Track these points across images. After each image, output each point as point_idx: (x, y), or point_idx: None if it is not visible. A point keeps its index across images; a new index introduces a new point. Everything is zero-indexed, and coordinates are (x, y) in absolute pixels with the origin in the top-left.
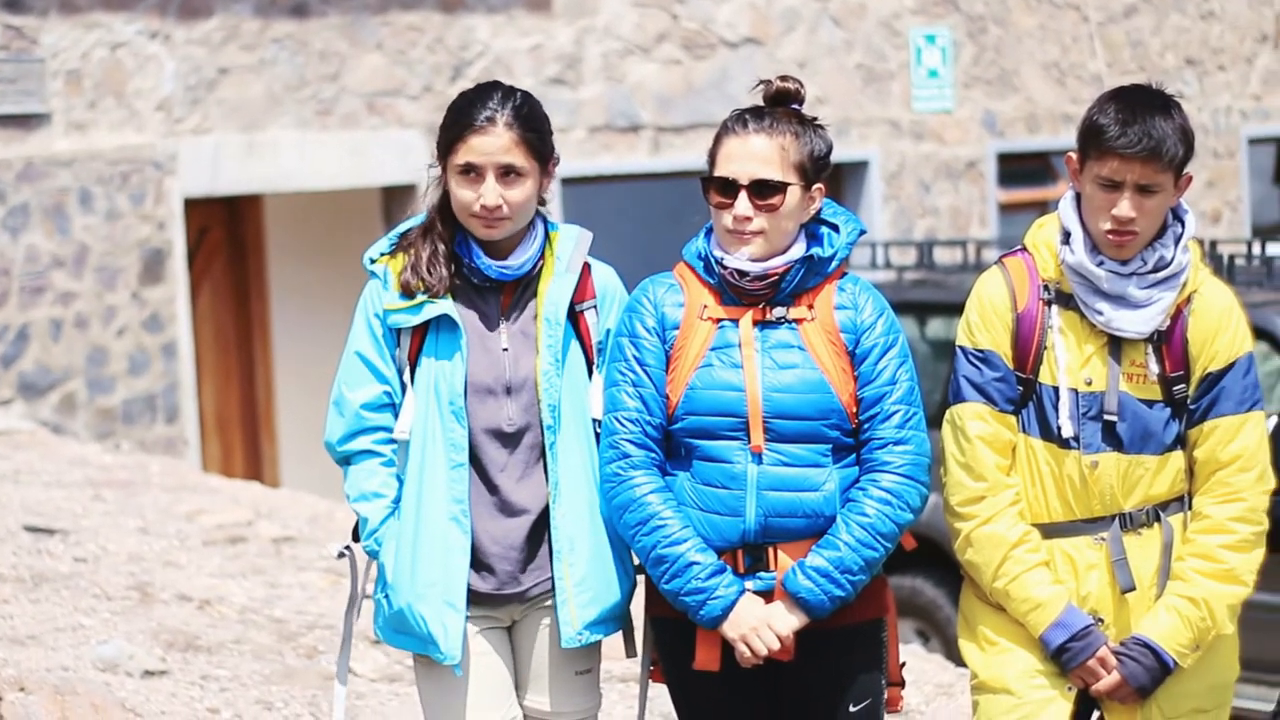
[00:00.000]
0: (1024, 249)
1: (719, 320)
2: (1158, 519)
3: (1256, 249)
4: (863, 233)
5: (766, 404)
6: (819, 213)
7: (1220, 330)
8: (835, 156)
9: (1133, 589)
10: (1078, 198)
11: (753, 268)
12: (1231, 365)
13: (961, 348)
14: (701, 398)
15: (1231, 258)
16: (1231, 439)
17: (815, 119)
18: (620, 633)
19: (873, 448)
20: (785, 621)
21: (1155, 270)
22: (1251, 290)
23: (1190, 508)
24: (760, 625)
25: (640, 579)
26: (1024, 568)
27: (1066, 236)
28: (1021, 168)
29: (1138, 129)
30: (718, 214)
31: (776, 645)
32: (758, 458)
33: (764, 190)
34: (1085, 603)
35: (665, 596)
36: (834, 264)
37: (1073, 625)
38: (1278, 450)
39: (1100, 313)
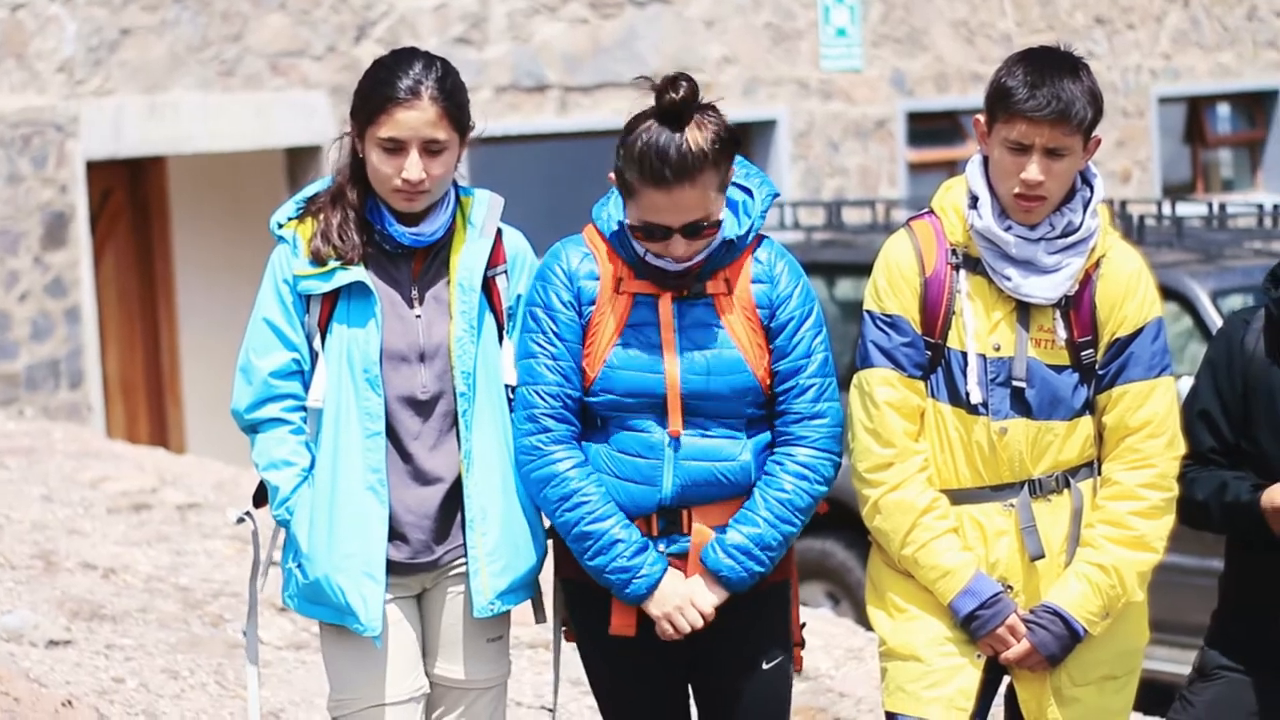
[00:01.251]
0: (931, 212)
1: (635, 294)
2: (1067, 485)
3: (1166, 209)
4: (775, 196)
5: (685, 386)
6: None
7: (1129, 295)
8: (743, 117)
9: (1042, 556)
10: (985, 161)
11: (676, 266)
12: (1140, 330)
13: (869, 312)
14: (619, 378)
15: (1141, 218)
16: (1141, 405)
17: (714, 111)
18: (530, 600)
19: (788, 421)
20: (707, 598)
21: (1064, 235)
22: (1161, 250)
23: (1099, 474)
24: (684, 603)
25: (549, 543)
26: (932, 535)
27: (974, 201)
28: (931, 127)
29: (1046, 91)
30: (648, 245)
31: (700, 623)
32: (675, 440)
33: (697, 230)
34: (994, 570)
35: (588, 572)
36: (750, 237)
37: (982, 593)
38: (1189, 412)
39: (1008, 278)
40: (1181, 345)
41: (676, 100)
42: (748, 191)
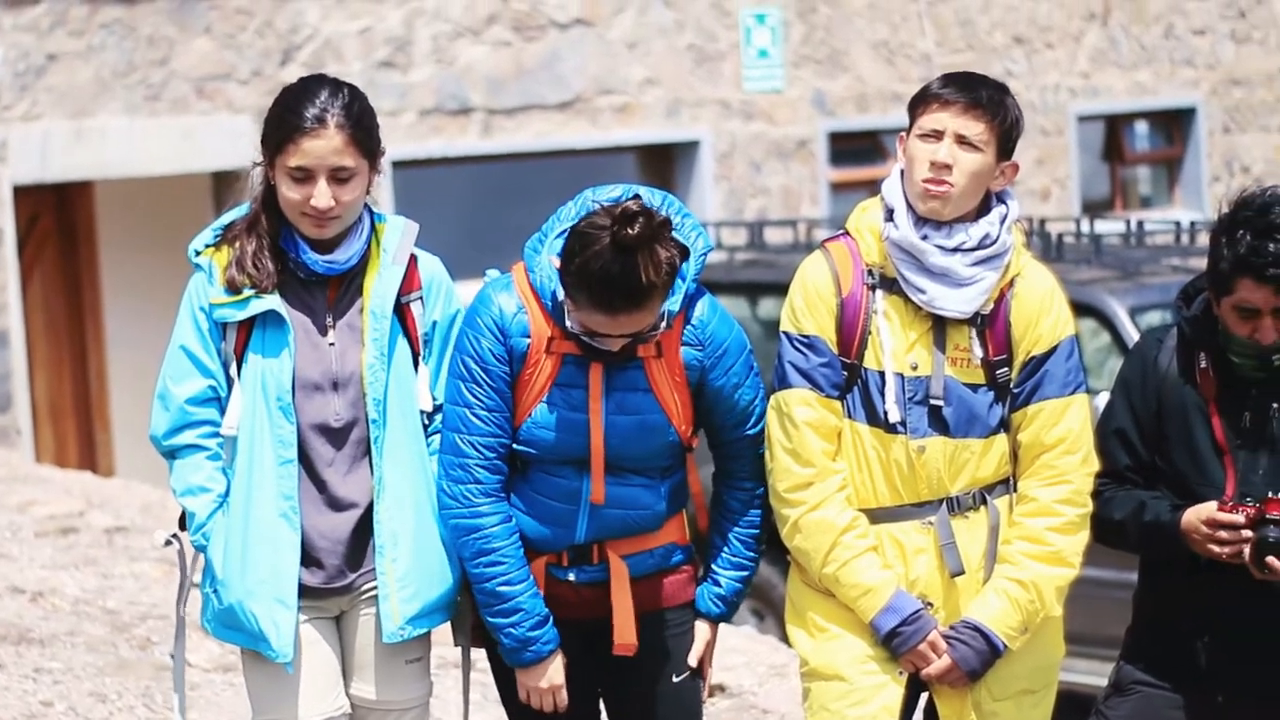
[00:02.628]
0: (847, 233)
1: (564, 353)
2: (984, 502)
3: (1085, 226)
4: (710, 250)
5: (608, 450)
6: None
7: (1043, 314)
8: (666, 138)
9: (961, 573)
10: (902, 176)
11: (611, 348)
12: (1055, 349)
13: (786, 333)
14: (543, 437)
15: (1060, 235)
16: (1056, 422)
17: (665, 223)
18: (449, 622)
19: (740, 462)
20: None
21: (981, 247)
22: (1080, 267)
23: (1015, 490)
24: (551, 691)
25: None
26: (853, 553)
27: (890, 214)
28: (852, 147)
29: (962, 82)
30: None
31: (549, 710)
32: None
33: (640, 331)
34: (914, 587)
35: (484, 622)
36: (684, 303)
37: (903, 610)
38: (1104, 430)
39: (923, 291)
40: (1100, 361)
41: (632, 236)
42: (682, 247)
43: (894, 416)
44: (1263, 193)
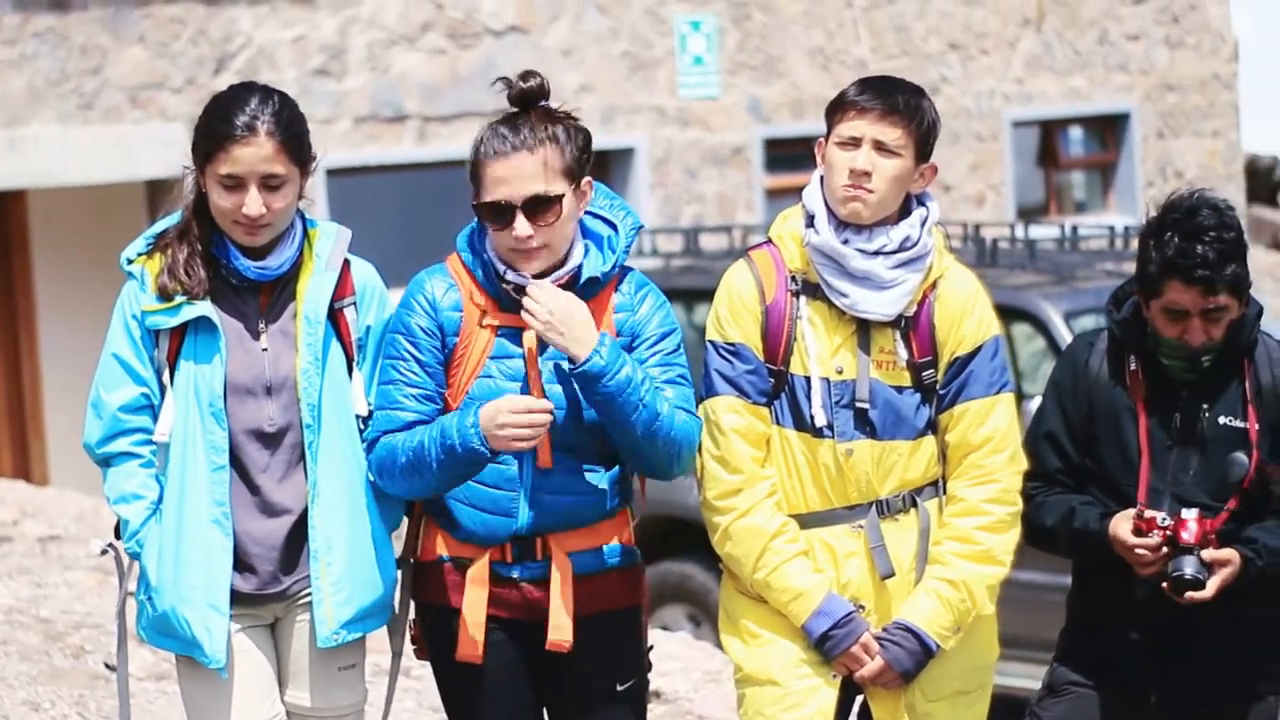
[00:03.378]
0: (769, 242)
1: (498, 327)
2: (913, 504)
3: (1020, 231)
4: (640, 228)
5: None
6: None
7: (966, 315)
8: (601, 145)
9: (892, 575)
10: (822, 183)
11: (529, 280)
12: (979, 349)
13: (712, 342)
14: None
15: (995, 240)
16: (982, 422)
17: (566, 112)
18: (386, 627)
19: None
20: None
21: (901, 250)
22: (1015, 272)
23: (945, 492)
24: (508, 403)
25: (409, 567)
26: (783, 558)
27: (811, 220)
28: (787, 153)
29: (878, 87)
30: (496, 235)
31: (542, 421)
32: (540, 472)
33: (539, 207)
34: (846, 590)
35: (448, 471)
36: (614, 271)
37: (834, 613)
38: (1035, 433)
39: (845, 295)
40: (1035, 366)
41: (524, 88)
42: (612, 225)
43: (820, 420)
44: (1190, 195)
